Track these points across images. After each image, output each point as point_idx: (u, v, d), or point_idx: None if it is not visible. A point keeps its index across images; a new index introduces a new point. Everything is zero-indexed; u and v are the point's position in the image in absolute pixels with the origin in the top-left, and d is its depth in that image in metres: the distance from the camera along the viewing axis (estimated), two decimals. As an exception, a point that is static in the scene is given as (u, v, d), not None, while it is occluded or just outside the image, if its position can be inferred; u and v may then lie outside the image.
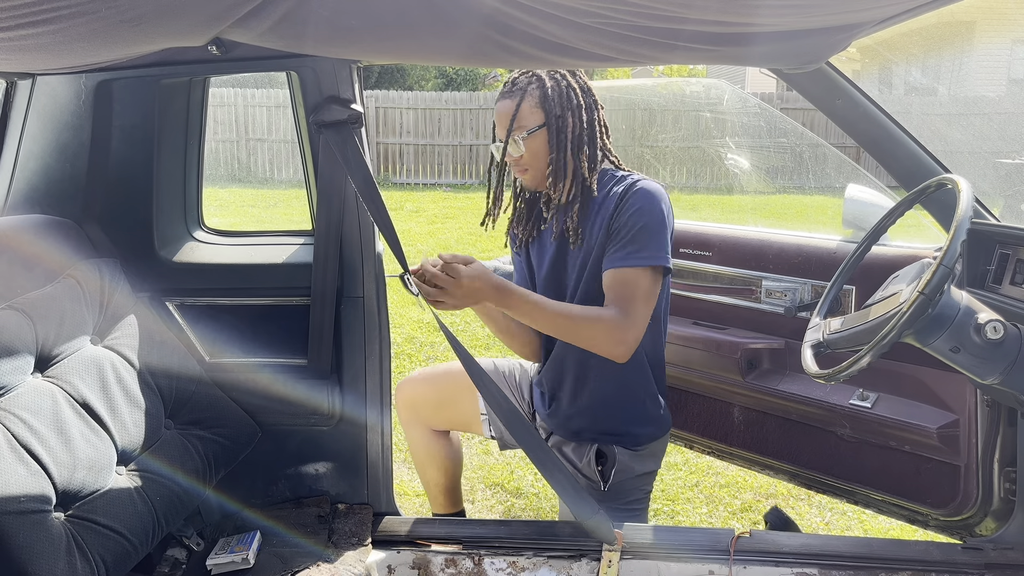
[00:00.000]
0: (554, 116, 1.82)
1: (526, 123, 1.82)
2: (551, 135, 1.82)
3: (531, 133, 1.82)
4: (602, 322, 1.73)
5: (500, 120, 1.87)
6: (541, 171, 1.86)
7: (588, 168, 1.84)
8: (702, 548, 1.76)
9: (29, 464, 1.40)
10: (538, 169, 1.86)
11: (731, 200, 3.83)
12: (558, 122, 1.82)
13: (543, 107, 1.82)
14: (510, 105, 1.83)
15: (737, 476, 3.10)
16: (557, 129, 1.82)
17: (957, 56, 12.22)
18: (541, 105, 1.82)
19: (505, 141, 1.85)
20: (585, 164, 1.84)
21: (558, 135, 1.82)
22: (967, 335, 1.33)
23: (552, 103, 1.81)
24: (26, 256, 1.66)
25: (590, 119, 1.85)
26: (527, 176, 1.88)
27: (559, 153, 1.83)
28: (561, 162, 1.83)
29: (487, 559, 1.80)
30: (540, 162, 1.85)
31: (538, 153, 1.84)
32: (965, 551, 1.77)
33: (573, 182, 1.85)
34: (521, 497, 3.01)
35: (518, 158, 1.85)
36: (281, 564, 1.71)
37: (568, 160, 1.84)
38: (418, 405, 2.22)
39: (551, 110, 1.82)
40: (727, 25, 1.29)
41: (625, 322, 1.73)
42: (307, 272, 1.89)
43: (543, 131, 1.82)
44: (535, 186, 1.90)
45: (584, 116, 1.83)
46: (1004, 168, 5.30)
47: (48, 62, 1.57)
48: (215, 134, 12.17)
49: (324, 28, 1.31)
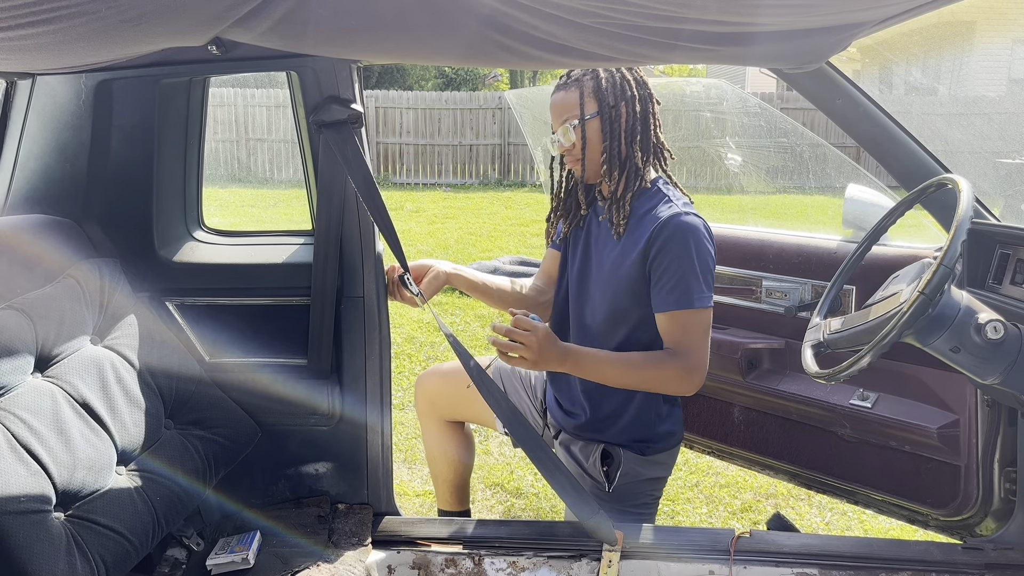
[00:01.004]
0: (608, 106, 1.81)
1: (576, 111, 1.82)
2: (604, 124, 1.81)
3: (585, 121, 1.81)
4: (671, 369, 1.75)
5: (555, 111, 1.86)
6: (595, 161, 1.85)
7: (642, 159, 1.84)
8: (702, 548, 1.76)
9: (29, 464, 1.40)
10: (591, 159, 1.84)
11: (731, 200, 3.82)
12: (612, 112, 1.81)
13: (596, 97, 1.81)
14: (564, 96, 1.84)
15: (737, 476, 3.10)
16: (611, 119, 1.81)
17: (957, 56, 12.22)
18: (595, 95, 1.81)
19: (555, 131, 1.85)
20: (639, 154, 1.83)
21: (611, 125, 1.81)
22: (967, 335, 1.33)
23: (606, 93, 1.81)
24: (26, 256, 1.66)
25: (644, 110, 1.84)
26: (579, 167, 1.86)
27: (612, 142, 1.82)
28: (615, 151, 1.82)
29: (487, 559, 1.80)
30: (593, 152, 1.84)
31: (592, 142, 1.83)
32: (965, 551, 1.76)
33: (627, 172, 1.84)
34: (521, 497, 3.01)
35: (570, 147, 1.84)
36: (281, 564, 1.71)
37: (622, 149, 1.83)
38: (436, 398, 2.24)
39: (605, 99, 1.81)
40: (727, 25, 1.29)
41: (690, 363, 1.75)
42: (307, 272, 1.89)
43: (597, 120, 1.81)
44: (587, 177, 1.88)
45: (638, 107, 1.83)
46: (1004, 168, 5.30)
47: (48, 62, 1.57)
48: (215, 134, 12.17)
49: (324, 28, 1.31)
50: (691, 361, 1.75)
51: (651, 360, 1.78)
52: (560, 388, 2.02)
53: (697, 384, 1.77)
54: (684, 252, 1.75)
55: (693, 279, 1.75)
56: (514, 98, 3.58)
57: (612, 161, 1.82)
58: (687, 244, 1.75)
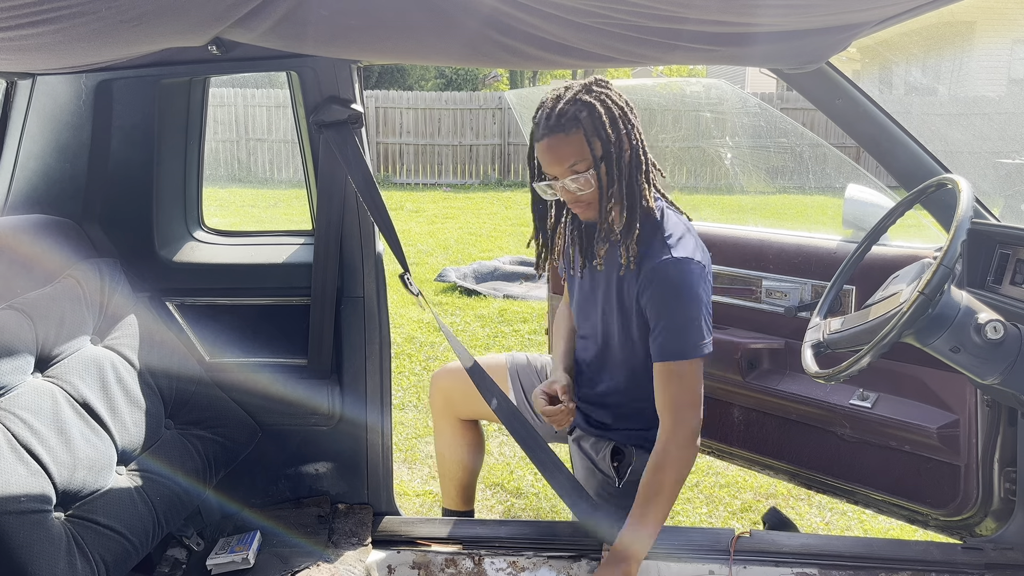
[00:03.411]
0: (611, 144, 1.68)
1: (579, 157, 1.68)
2: (610, 164, 1.69)
3: (593, 167, 1.68)
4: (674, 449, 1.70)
5: (554, 156, 1.69)
6: (599, 203, 1.73)
7: (647, 186, 1.75)
8: (702, 548, 1.76)
9: (29, 464, 1.40)
10: (595, 200, 1.73)
11: (731, 200, 3.83)
12: (615, 150, 1.69)
13: (599, 136, 1.68)
14: (564, 139, 1.67)
15: (737, 476, 3.10)
16: (617, 158, 1.69)
17: (957, 56, 12.22)
18: (597, 135, 1.68)
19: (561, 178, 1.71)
20: (644, 185, 1.74)
21: (618, 164, 1.69)
22: (967, 335, 1.33)
23: (607, 131, 1.68)
24: (26, 256, 1.66)
25: (637, 135, 1.75)
26: (587, 211, 1.76)
27: (621, 183, 1.70)
28: (624, 190, 1.71)
29: (487, 559, 1.80)
30: (599, 194, 1.72)
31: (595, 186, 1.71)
32: (965, 551, 1.77)
33: (636, 209, 1.74)
34: (521, 497, 3.01)
35: (574, 194, 1.73)
36: (281, 564, 1.71)
37: (629, 187, 1.72)
38: (452, 394, 2.23)
39: (607, 139, 1.68)
40: (727, 25, 1.29)
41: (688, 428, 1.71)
42: (307, 272, 1.89)
43: (603, 163, 1.69)
44: (593, 218, 1.78)
45: (635, 136, 1.73)
46: (1004, 168, 5.31)
47: (48, 62, 1.57)
48: (215, 134, 12.17)
49: (324, 28, 1.31)
50: (689, 425, 1.71)
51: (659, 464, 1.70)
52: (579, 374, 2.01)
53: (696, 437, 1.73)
54: (675, 301, 1.70)
55: (684, 328, 1.69)
56: (514, 98, 3.58)
57: (621, 200, 1.73)
58: (678, 293, 1.70)
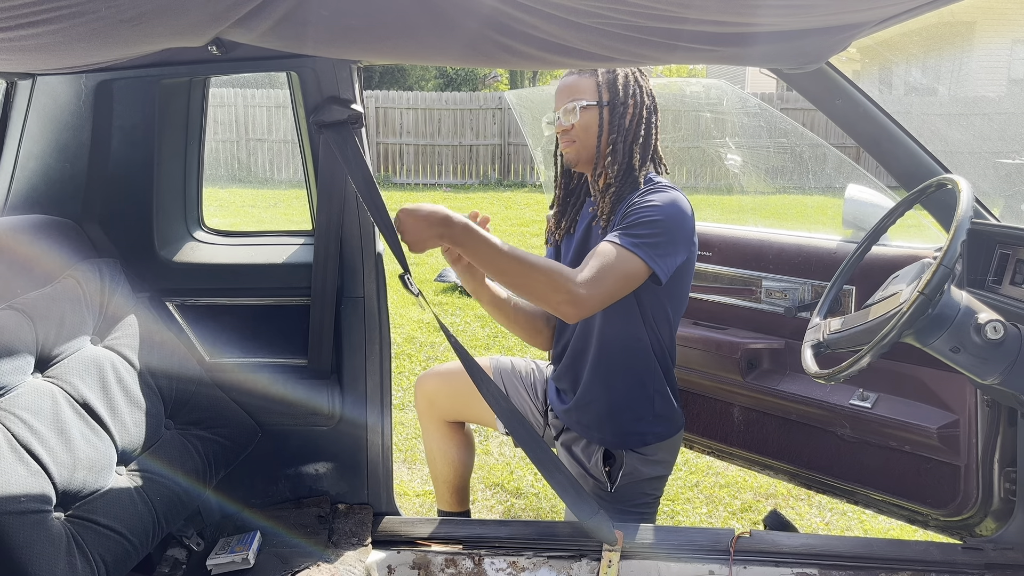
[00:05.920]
0: (617, 99, 1.82)
1: (585, 96, 1.83)
2: (610, 115, 1.82)
3: (589, 105, 1.82)
4: (562, 277, 1.62)
5: (563, 92, 1.86)
6: (588, 149, 1.85)
7: (640, 160, 1.83)
8: (702, 548, 1.76)
9: (29, 464, 1.39)
10: (584, 146, 1.85)
11: (731, 200, 3.83)
12: (620, 107, 1.82)
13: (609, 88, 1.82)
14: (577, 79, 1.84)
15: (737, 476, 3.10)
16: (618, 113, 1.82)
17: (957, 56, 12.22)
18: (606, 86, 1.82)
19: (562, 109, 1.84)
20: (637, 156, 1.83)
21: (617, 118, 1.82)
22: (967, 335, 1.33)
23: (617, 87, 1.82)
24: (26, 256, 1.66)
25: (648, 118, 1.85)
26: (572, 149, 1.86)
27: (613, 135, 1.82)
28: (615, 145, 1.82)
29: (487, 559, 1.80)
30: (589, 138, 1.84)
31: (589, 127, 1.83)
32: (965, 551, 1.76)
33: (620, 168, 1.83)
34: (521, 497, 3.01)
35: (568, 128, 1.84)
36: (281, 564, 1.71)
37: (621, 146, 1.83)
38: (436, 398, 2.23)
39: (615, 92, 1.82)
40: (727, 25, 1.29)
41: (586, 285, 1.63)
42: (307, 272, 1.89)
43: (604, 109, 1.82)
44: (575, 162, 1.88)
45: (644, 113, 1.84)
46: (1004, 168, 5.31)
47: (48, 62, 1.57)
48: (215, 134, 12.18)
49: (324, 28, 1.31)
50: (587, 284, 1.63)
51: (545, 263, 1.65)
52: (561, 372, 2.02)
53: (579, 311, 1.65)
54: (651, 207, 1.74)
55: (648, 230, 1.70)
56: (514, 98, 3.58)
57: (610, 154, 1.82)
58: (657, 202, 1.74)
